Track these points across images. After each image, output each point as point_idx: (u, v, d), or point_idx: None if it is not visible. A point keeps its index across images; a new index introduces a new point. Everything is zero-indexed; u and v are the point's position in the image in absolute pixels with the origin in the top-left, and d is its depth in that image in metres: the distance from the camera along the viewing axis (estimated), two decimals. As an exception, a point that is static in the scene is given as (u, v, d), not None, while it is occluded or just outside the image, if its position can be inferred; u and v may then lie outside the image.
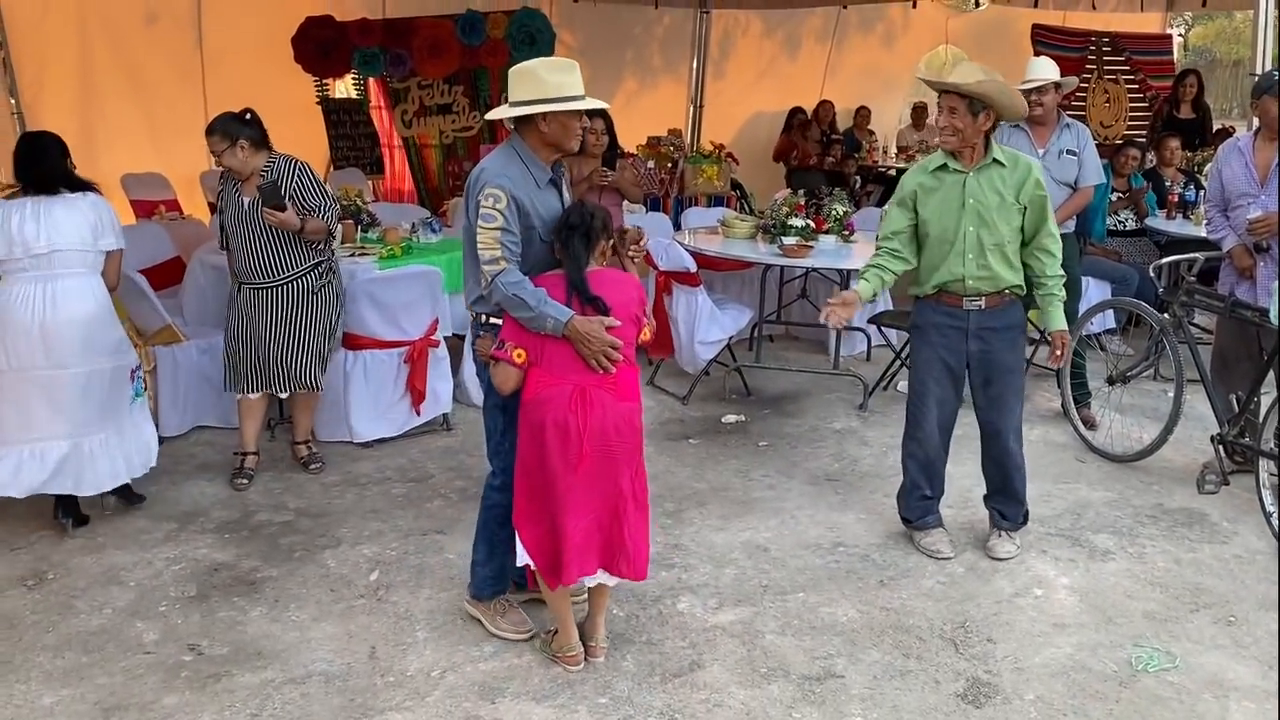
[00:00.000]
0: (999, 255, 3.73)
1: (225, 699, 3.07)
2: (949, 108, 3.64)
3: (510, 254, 3.05)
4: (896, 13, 11.35)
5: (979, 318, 3.80)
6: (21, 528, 4.14)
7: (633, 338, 3.09)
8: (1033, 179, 3.71)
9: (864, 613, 3.58)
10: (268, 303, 4.48)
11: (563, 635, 3.23)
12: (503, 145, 3.23)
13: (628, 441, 3.07)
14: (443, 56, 8.47)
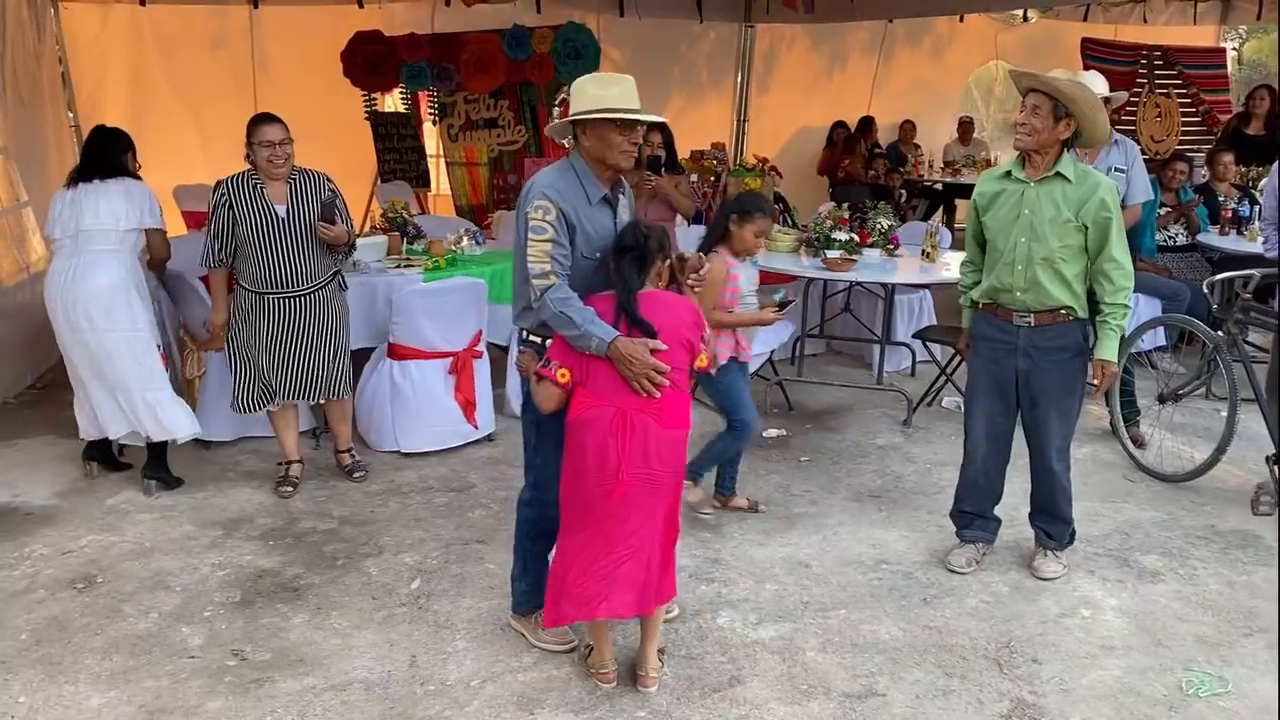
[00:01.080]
0: (1049, 271, 3.63)
1: (267, 705, 3.10)
2: (1033, 106, 3.54)
3: (560, 267, 3.02)
4: (944, 26, 11.28)
5: (1029, 335, 3.72)
6: (72, 532, 4.22)
7: (683, 363, 2.99)
8: (1098, 199, 3.56)
9: (906, 631, 3.53)
10: (298, 311, 4.46)
11: (596, 652, 3.21)
12: (562, 160, 3.22)
13: (668, 469, 2.99)
14: (489, 71, 8.56)
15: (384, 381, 5.04)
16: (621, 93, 3.07)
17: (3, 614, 3.57)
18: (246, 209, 4.34)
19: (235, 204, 4.34)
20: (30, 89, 6.46)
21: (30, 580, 3.82)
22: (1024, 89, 3.62)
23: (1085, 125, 3.58)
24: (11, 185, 6.09)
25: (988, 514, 4.05)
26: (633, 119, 3.07)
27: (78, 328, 4.34)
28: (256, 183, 4.37)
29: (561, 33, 8.31)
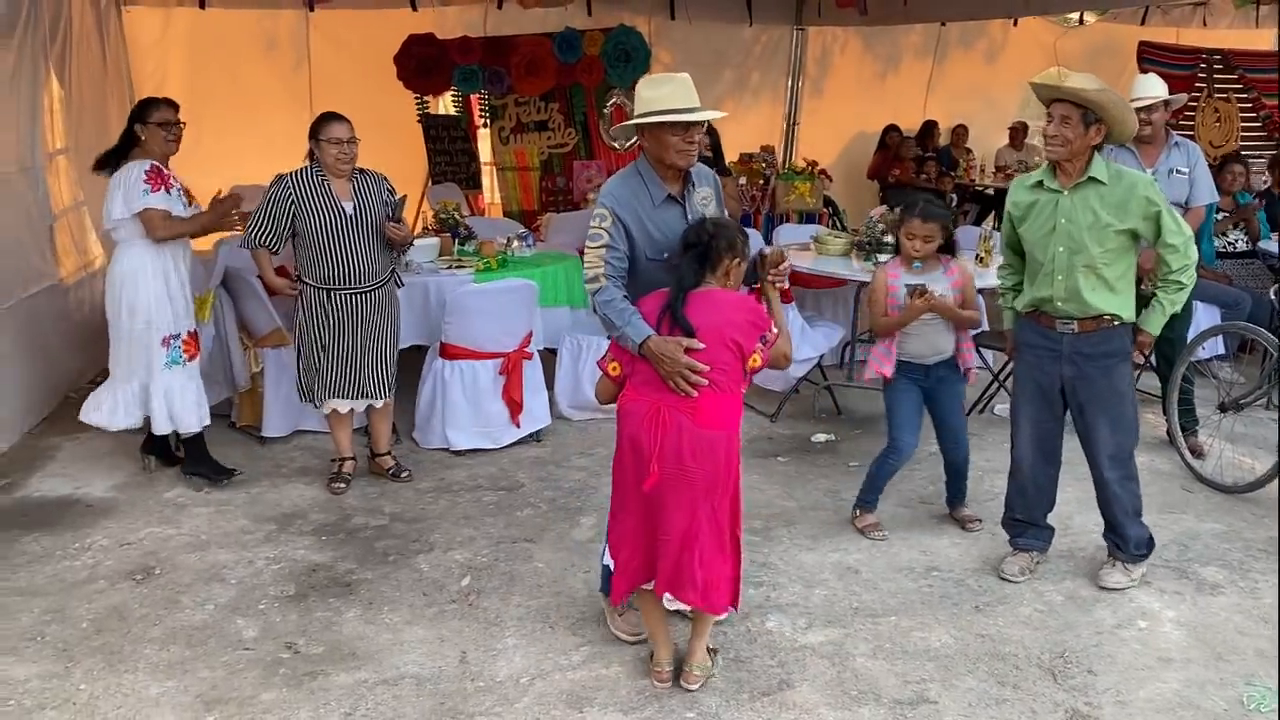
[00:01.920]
0: (1092, 277, 3.57)
1: (320, 697, 3.13)
2: (1061, 116, 3.49)
3: (612, 270, 3.07)
4: (998, 30, 11.16)
5: (1073, 341, 3.66)
6: (131, 524, 4.30)
7: (726, 363, 2.96)
8: (1140, 197, 3.51)
9: (958, 639, 3.49)
10: (364, 306, 4.52)
11: (654, 651, 3.23)
12: (631, 164, 3.26)
13: (706, 469, 2.97)
14: (539, 74, 8.62)
15: (435, 380, 5.09)
16: (673, 91, 3.07)
17: (65, 603, 3.65)
18: (313, 205, 4.38)
19: (300, 199, 4.38)
20: (94, 92, 6.61)
21: (91, 571, 3.90)
22: (1047, 99, 3.56)
23: (1115, 127, 3.54)
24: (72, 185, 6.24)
25: (1039, 522, 3.99)
26: (681, 119, 3.04)
27: (106, 317, 4.52)
28: (323, 178, 4.42)
29: (612, 35, 8.34)
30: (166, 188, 4.33)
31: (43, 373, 5.35)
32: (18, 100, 5.20)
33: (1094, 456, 3.79)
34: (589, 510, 4.50)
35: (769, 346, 3.04)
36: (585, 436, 5.44)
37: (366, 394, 4.64)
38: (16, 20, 5.03)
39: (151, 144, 4.37)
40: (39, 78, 5.51)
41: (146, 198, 4.28)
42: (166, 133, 4.36)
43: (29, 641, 3.40)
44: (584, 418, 5.65)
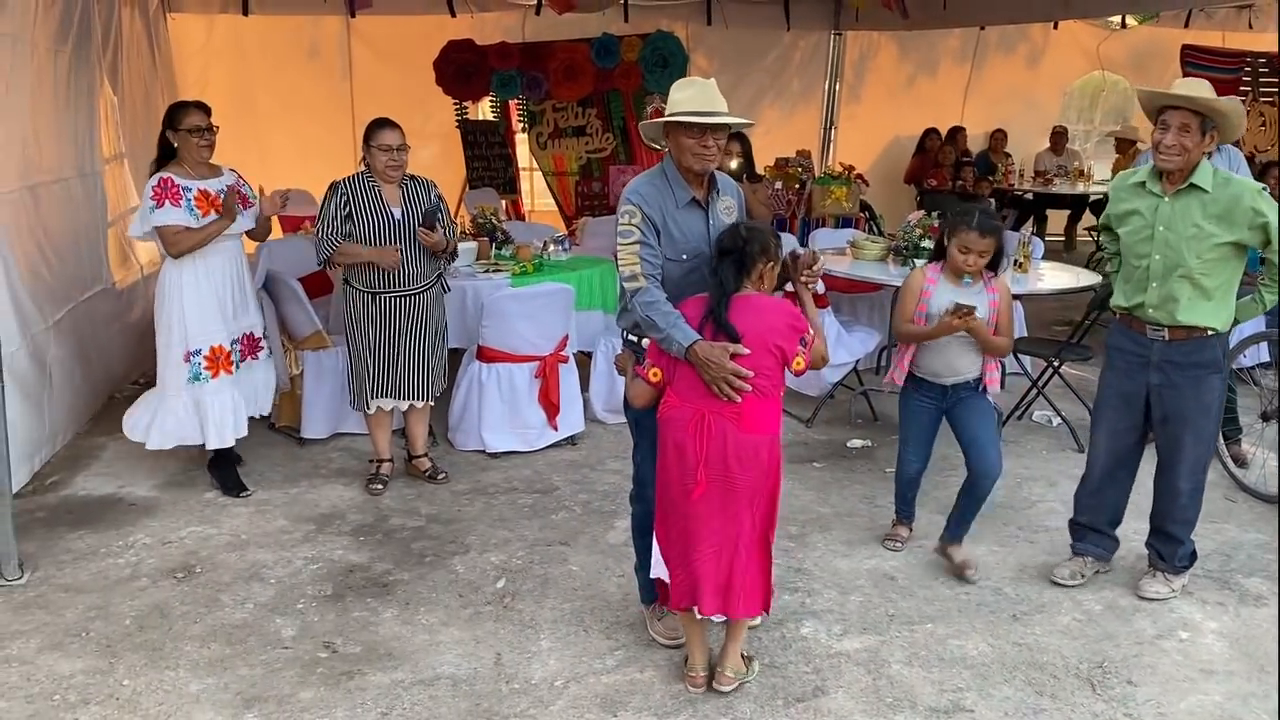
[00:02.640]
0: (1188, 286, 3.46)
1: (357, 696, 3.16)
2: (1180, 125, 3.36)
3: (650, 268, 3.07)
4: (1038, 33, 11.05)
5: (1163, 349, 3.57)
6: (173, 523, 4.37)
7: (769, 368, 2.97)
8: (1245, 208, 3.37)
9: (995, 647, 3.46)
10: (408, 310, 4.56)
11: (689, 655, 3.23)
12: (657, 164, 3.27)
13: (750, 474, 2.98)
14: (577, 79, 8.65)
15: (472, 382, 5.12)
16: (695, 95, 3.07)
17: (109, 599, 3.72)
18: (365, 209, 4.44)
19: (353, 201, 4.44)
20: (145, 98, 6.73)
21: (134, 568, 3.97)
22: (1157, 107, 3.45)
23: (1231, 133, 3.48)
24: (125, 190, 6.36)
25: (1103, 529, 3.92)
26: (695, 121, 3.03)
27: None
28: (373, 183, 4.47)
29: (650, 41, 8.36)
30: (174, 201, 4.30)
31: (94, 374, 5.45)
32: (74, 107, 5.30)
33: (1171, 466, 3.71)
34: (623, 514, 4.50)
35: (809, 349, 3.03)
36: (620, 440, 5.44)
37: (412, 395, 4.68)
38: (70, 29, 5.13)
39: (184, 151, 4.39)
40: (94, 85, 5.62)
41: (154, 214, 4.30)
42: (198, 139, 4.37)
43: (74, 637, 3.47)
44: (618, 421, 5.65)
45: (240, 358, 4.59)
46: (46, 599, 3.72)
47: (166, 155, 4.44)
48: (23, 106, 4.53)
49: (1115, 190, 3.73)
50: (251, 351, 4.67)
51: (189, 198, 4.35)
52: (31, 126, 4.64)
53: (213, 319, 4.46)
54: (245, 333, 4.62)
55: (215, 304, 4.47)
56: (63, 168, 5.18)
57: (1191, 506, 3.76)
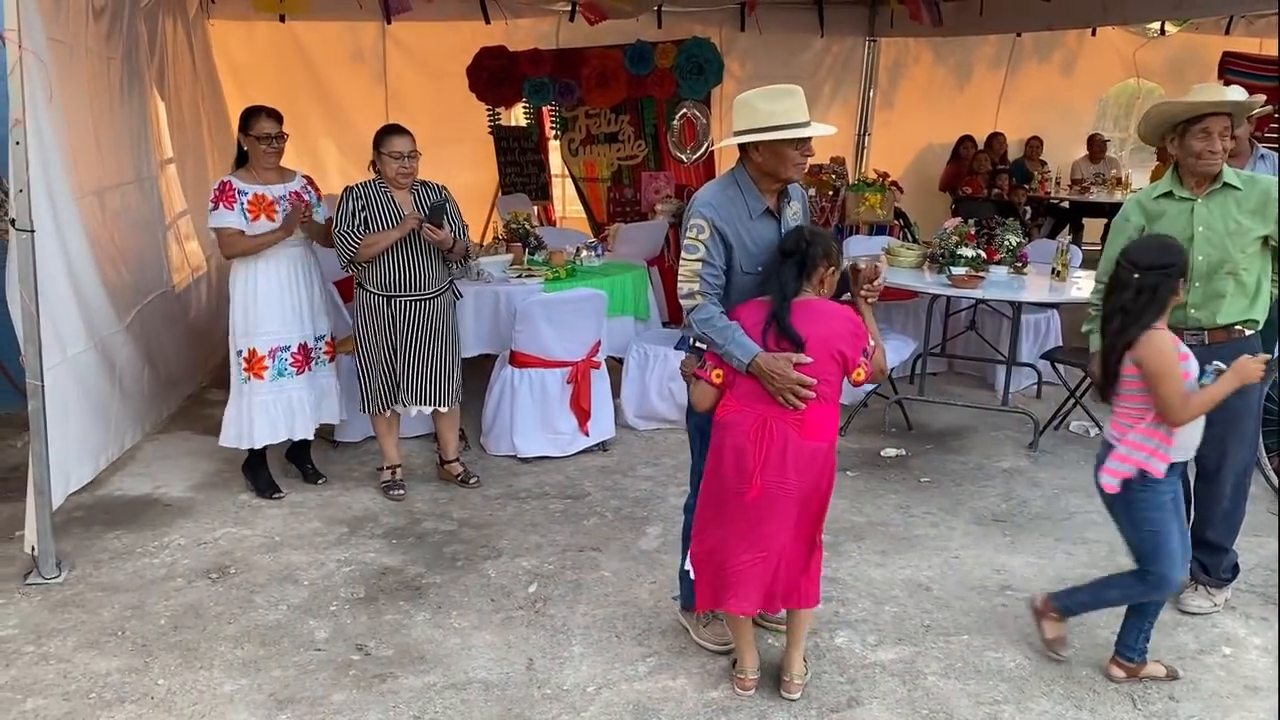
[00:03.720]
0: (1232, 282, 3.47)
1: (390, 699, 3.16)
2: (1222, 129, 3.40)
3: (708, 287, 3.05)
4: (1074, 40, 10.93)
5: (1202, 354, 3.42)
6: (208, 524, 4.40)
7: (831, 375, 2.94)
8: (1274, 200, 3.41)
9: (1033, 660, 3.41)
10: (420, 314, 4.56)
11: (738, 658, 3.22)
12: (726, 173, 3.21)
13: (806, 480, 2.95)
14: (610, 86, 8.64)
15: (504, 387, 5.13)
16: (794, 106, 3.01)
17: (144, 599, 3.74)
18: (378, 214, 4.45)
19: (367, 207, 4.45)
20: (190, 103, 6.80)
21: (169, 568, 3.99)
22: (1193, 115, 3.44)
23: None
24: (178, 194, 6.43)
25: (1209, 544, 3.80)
26: (808, 134, 3.02)
27: None
28: (385, 189, 4.49)
29: (685, 48, 8.33)
30: (229, 203, 4.37)
31: (160, 376, 5.49)
32: (129, 114, 5.36)
33: (1214, 470, 3.64)
34: (655, 520, 4.49)
35: (869, 360, 2.99)
36: (651, 446, 5.43)
37: (421, 400, 4.67)
38: (120, 37, 5.19)
39: (252, 155, 4.46)
40: (145, 92, 5.69)
41: (210, 216, 4.41)
42: (265, 145, 4.42)
43: (110, 636, 3.49)
44: (650, 428, 5.65)
45: (287, 367, 4.57)
46: (83, 598, 3.75)
47: (243, 158, 4.52)
48: (85, 113, 4.59)
49: (1135, 209, 3.65)
50: (306, 362, 4.62)
51: (243, 201, 4.39)
52: (93, 133, 4.70)
53: (257, 322, 4.49)
54: (299, 341, 4.58)
55: (261, 307, 4.49)
56: (123, 173, 5.25)
57: (1236, 512, 3.70)
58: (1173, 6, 8.40)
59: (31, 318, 3.71)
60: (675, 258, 7.92)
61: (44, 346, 3.80)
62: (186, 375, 6.08)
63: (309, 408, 4.66)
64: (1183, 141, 3.48)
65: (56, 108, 4.00)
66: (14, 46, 3.54)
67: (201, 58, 7.26)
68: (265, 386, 4.53)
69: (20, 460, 4.69)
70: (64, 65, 4.21)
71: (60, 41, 4.15)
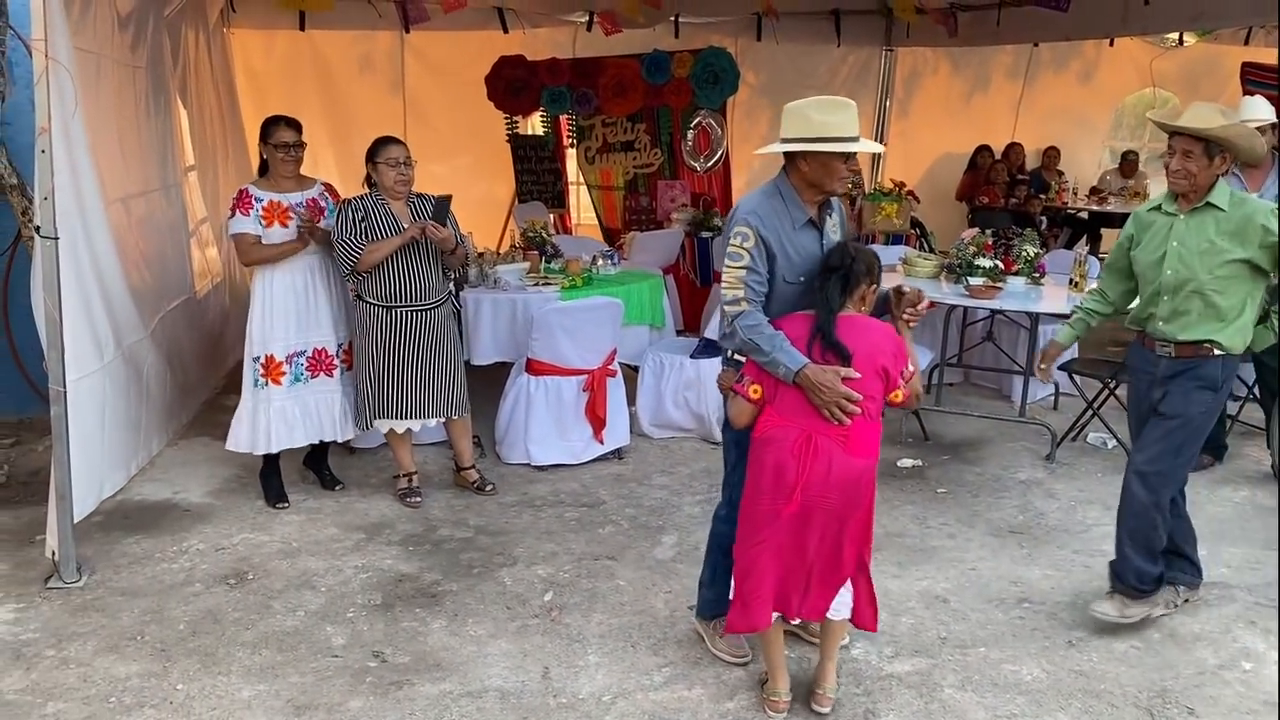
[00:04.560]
0: (1199, 301, 3.46)
1: (406, 706, 3.17)
2: (1184, 150, 3.40)
3: (753, 294, 3.02)
4: (1091, 50, 10.91)
5: (1169, 365, 3.56)
6: (226, 530, 4.43)
7: (876, 391, 2.92)
8: (1257, 224, 3.39)
9: (1050, 673, 3.40)
10: (421, 325, 4.56)
11: (770, 679, 3.18)
12: (768, 182, 3.19)
13: (847, 498, 2.91)
14: (627, 95, 8.67)
15: (520, 395, 5.14)
16: (846, 119, 2.99)
17: (163, 604, 3.77)
18: (378, 225, 4.45)
19: (367, 218, 4.45)
20: (209, 112, 6.86)
21: (188, 574, 4.02)
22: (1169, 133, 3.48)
23: (1242, 154, 3.47)
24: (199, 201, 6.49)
25: (1183, 553, 3.81)
26: (862, 150, 3.01)
27: None
28: (382, 201, 4.49)
29: (702, 57, 8.36)
30: (244, 210, 4.41)
31: (181, 382, 5.53)
32: (154, 122, 5.41)
33: (1130, 465, 3.64)
34: (670, 529, 4.50)
35: (908, 383, 2.97)
36: (667, 455, 5.44)
37: (432, 412, 4.67)
38: (144, 47, 5.24)
39: (271, 164, 4.51)
40: (169, 101, 5.74)
41: (230, 223, 4.46)
42: (283, 154, 4.46)
43: (130, 640, 3.52)
44: (665, 436, 5.65)
45: (303, 372, 4.59)
46: (103, 602, 3.78)
47: (265, 167, 4.58)
48: (111, 121, 4.64)
49: (1138, 218, 3.68)
50: (324, 368, 4.64)
51: (258, 208, 4.43)
52: (118, 141, 4.74)
53: (272, 328, 4.52)
54: (315, 346, 4.60)
55: (277, 314, 4.52)
56: (149, 180, 5.29)
57: (1145, 519, 3.59)
58: (1192, 17, 8.37)
59: (55, 324, 3.74)
60: (691, 267, 7.99)
61: (80, 353, 3.84)
62: (202, 381, 6.13)
63: (336, 412, 4.68)
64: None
65: (82, 116, 4.04)
66: (41, 55, 3.58)
67: (220, 67, 7.32)
68: (282, 392, 4.56)
69: (42, 465, 4.74)
70: (90, 74, 4.25)
71: (87, 51, 4.20)
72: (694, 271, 7.97)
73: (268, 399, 4.55)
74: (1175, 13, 8.13)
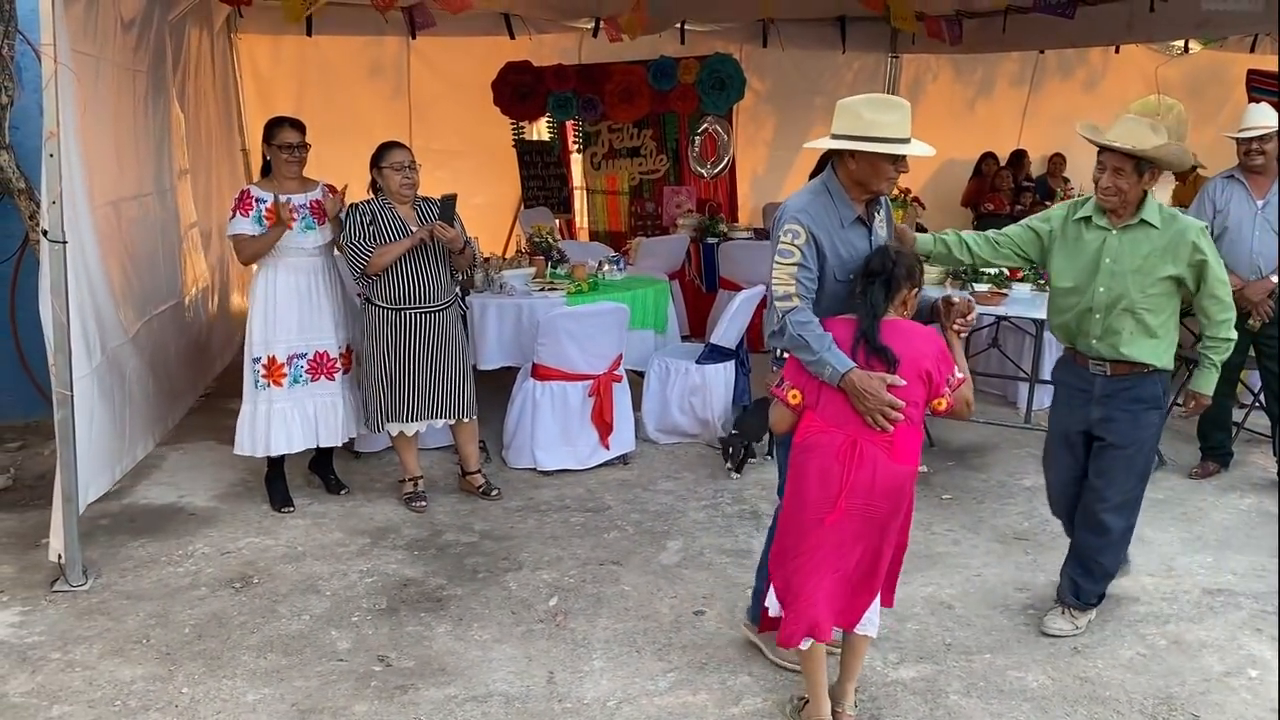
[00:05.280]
0: (1131, 320, 3.44)
1: (411, 711, 3.17)
2: (1115, 167, 3.37)
3: (805, 290, 2.99)
4: (1097, 57, 10.92)
5: (1105, 384, 3.52)
6: (231, 533, 4.43)
7: (919, 397, 2.86)
8: (1189, 243, 3.38)
9: (1056, 680, 3.39)
10: (429, 327, 4.57)
11: (813, 703, 3.08)
12: (816, 180, 3.16)
13: (890, 505, 2.86)
14: (633, 101, 8.68)
15: (526, 400, 5.15)
16: (900, 120, 2.95)
17: (169, 607, 3.77)
18: (387, 228, 4.47)
19: (375, 222, 4.47)
20: (207, 116, 6.89)
21: (193, 577, 4.02)
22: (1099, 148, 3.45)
23: (1171, 169, 3.52)
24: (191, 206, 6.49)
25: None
26: (914, 153, 2.97)
27: None
28: (389, 206, 4.51)
29: (708, 63, 8.37)
30: (244, 211, 4.41)
31: (167, 387, 5.52)
32: (150, 126, 5.42)
33: (1099, 500, 3.60)
34: (675, 534, 4.50)
35: (954, 390, 2.91)
36: (672, 460, 5.44)
37: (441, 414, 4.68)
38: (146, 51, 5.25)
39: (275, 165, 4.52)
40: (167, 105, 5.75)
41: (230, 224, 4.46)
42: (287, 155, 4.47)
43: (135, 644, 3.52)
44: (671, 441, 5.65)
45: (302, 374, 4.60)
46: (109, 605, 3.78)
47: (268, 168, 4.59)
48: (106, 124, 4.65)
49: (1064, 215, 3.62)
50: (324, 371, 4.63)
51: (259, 209, 4.44)
52: (113, 144, 4.75)
53: (274, 330, 4.52)
54: (316, 349, 4.60)
55: (280, 314, 4.52)
56: (142, 184, 5.30)
57: (1121, 546, 3.70)
58: (1197, 25, 8.38)
59: (63, 328, 3.75)
60: (696, 272, 7.99)
61: (73, 356, 3.84)
62: (190, 387, 6.10)
63: (336, 417, 4.68)
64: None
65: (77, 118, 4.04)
66: (49, 60, 3.59)
67: (221, 71, 7.33)
68: (283, 394, 4.56)
69: (48, 468, 4.75)
70: (89, 77, 4.25)
71: (86, 54, 4.20)
72: (699, 277, 7.98)
73: (269, 400, 4.55)
74: (1180, 20, 8.13)
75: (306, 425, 4.64)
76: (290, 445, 4.61)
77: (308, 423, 4.64)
